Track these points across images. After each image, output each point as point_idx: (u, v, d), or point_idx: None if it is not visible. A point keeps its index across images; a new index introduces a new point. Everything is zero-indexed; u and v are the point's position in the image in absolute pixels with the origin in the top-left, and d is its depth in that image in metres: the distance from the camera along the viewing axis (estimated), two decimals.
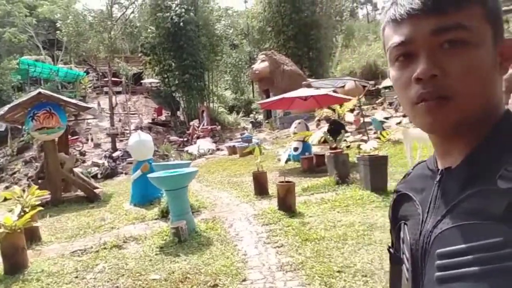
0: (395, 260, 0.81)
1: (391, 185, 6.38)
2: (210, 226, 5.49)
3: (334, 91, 14.20)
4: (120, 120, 22.00)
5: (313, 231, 4.84)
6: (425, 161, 0.81)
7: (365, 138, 9.81)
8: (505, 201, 0.54)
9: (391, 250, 0.84)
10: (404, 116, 14.55)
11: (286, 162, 10.60)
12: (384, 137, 7.20)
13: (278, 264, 4.05)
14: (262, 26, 29.43)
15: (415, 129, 9.29)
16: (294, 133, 10.51)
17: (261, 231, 5.10)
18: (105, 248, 5.03)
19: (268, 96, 19.64)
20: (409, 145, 8.35)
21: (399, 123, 13.30)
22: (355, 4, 55.97)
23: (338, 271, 3.69)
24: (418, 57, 0.63)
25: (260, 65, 21.05)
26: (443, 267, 0.60)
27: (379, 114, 14.60)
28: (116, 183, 11.81)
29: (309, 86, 15.76)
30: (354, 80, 18.93)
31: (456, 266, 0.58)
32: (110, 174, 13.79)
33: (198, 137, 17.73)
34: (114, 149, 17.11)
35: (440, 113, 0.62)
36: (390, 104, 17.45)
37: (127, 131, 19.96)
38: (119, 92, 25.21)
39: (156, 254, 4.65)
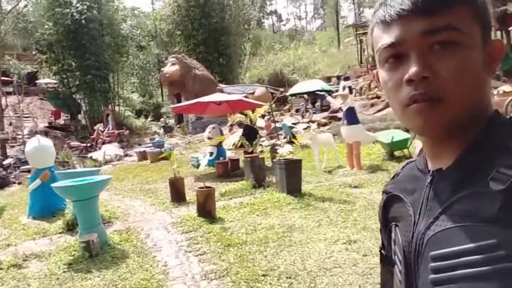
0: (387, 261, 0.81)
1: (304, 187, 6.67)
2: (125, 237, 5.14)
3: (246, 97, 14.45)
4: (11, 124, 19.66)
5: (234, 236, 4.81)
6: (413, 161, 0.81)
7: (279, 142, 10.13)
8: (497, 203, 0.55)
9: (382, 251, 0.84)
10: (310, 122, 15.41)
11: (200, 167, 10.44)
12: (297, 141, 7.50)
13: (202, 272, 3.93)
14: (171, 29, 28.85)
15: (323, 134, 9.88)
16: (209, 138, 10.43)
17: (181, 240, 4.92)
18: (1, 269, 4.40)
19: (179, 100, 19.26)
20: (317, 149, 8.84)
21: (306, 128, 14.03)
22: (261, 14, 57.93)
23: (263, 275, 3.71)
24: (409, 58, 0.63)
25: (171, 68, 20.57)
26: (437, 270, 0.60)
27: (288, 120, 15.22)
28: (8, 194, 10.48)
29: (221, 91, 15.83)
30: (266, 87, 19.49)
31: (451, 269, 0.58)
32: (1, 184, 12.22)
33: (103, 142, 16.62)
34: (4, 156, 15.22)
35: (432, 115, 0.62)
36: (297, 110, 18.34)
37: (19, 136, 17.91)
38: (9, 93, 22.52)
39: (63, 272, 4.20)
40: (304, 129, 13.93)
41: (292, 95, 20.21)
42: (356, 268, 3.71)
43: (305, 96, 18.36)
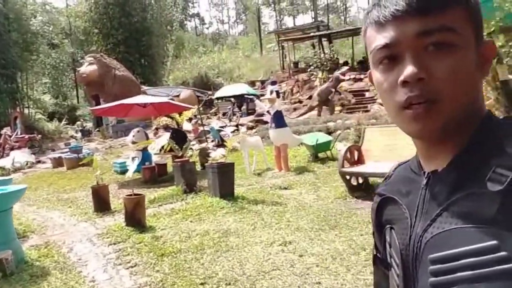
0: (381, 264, 0.80)
1: (237, 190, 6.66)
2: (44, 253, 4.67)
3: (171, 100, 14.09)
4: None
5: (168, 244, 4.62)
6: (406, 162, 0.80)
7: (210, 146, 10.01)
8: (496, 204, 0.55)
9: (378, 254, 0.81)
10: (237, 125, 15.50)
11: (124, 173, 9.91)
12: (229, 145, 7.47)
13: (134, 286, 3.70)
14: (87, 26, 27.23)
15: (252, 138, 9.98)
16: (133, 142, 9.95)
17: (109, 252, 4.60)
18: None
19: (98, 102, 18.16)
20: (247, 152, 8.90)
21: (234, 131, 14.09)
22: (184, 16, 57.21)
23: (201, 284, 3.60)
24: (403, 59, 0.62)
25: (88, 68, 19.32)
26: (437, 273, 0.60)
27: (215, 123, 15.15)
28: None
29: (144, 93, 15.24)
30: (194, 90, 19.20)
31: (450, 271, 0.58)
32: None
33: (11, 148, 15.03)
34: None
35: (429, 118, 0.61)
36: (224, 114, 18.34)
37: None
38: None
39: None
40: (232, 132, 13.96)
41: (218, 98, 20.18)
42: (294, 269, 3.76)
43: (232, 99, 18.44)
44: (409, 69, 0.60)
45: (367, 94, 18.48)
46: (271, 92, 8.67)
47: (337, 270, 3.63)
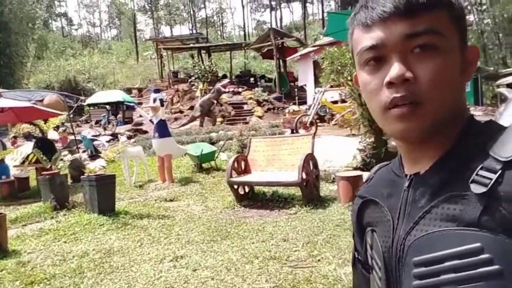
0: (363, 267, 0.78)
1: (117, 205, 6.14)
2: None
3: (34, 104, 12.47)
4: None
5: (38, 270, 3.96)
6: (387, 164, 0.80)
7: (83, 156, 9.06)
8: (479, 206, 0.56)
9: (359, 257, 0.80)
10: (113, 135, 14.48)
11: None
12: (109, 156, 6.86)
13: None
14: None
15: (133, 148, 9.40)
16: None
17: None
18: None
19: None
20: (127, 163, 8.35)
21: (110, 141, 13.09)
22: (48, 14, 51.92)
23: None
24: (389, 61, 0.62)
25: None
26: (420, 276, 0.59)
27: (87, 132, 13.90)
28: None
29: None
30: (61, 95, 17.27)
31: (434, 274, 0.57)
32: None
33: None
34: None
35: (413, 120, 0.62)
36: (97, 122, 16.96)
37: None
38: None
39: None
40: (108, 142, 12.95)
41: (90, 105, 18.59)
42: (188, 284, 3.57)
43: (107, 107, 17.17)
44: (395, 70, 0.61)
45: (245, 107, 19.20)
46: (155, 100, 8.30)
47: (233, 282, 3.57)
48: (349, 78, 7.20)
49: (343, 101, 11.49)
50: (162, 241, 4.69)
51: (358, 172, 5.90)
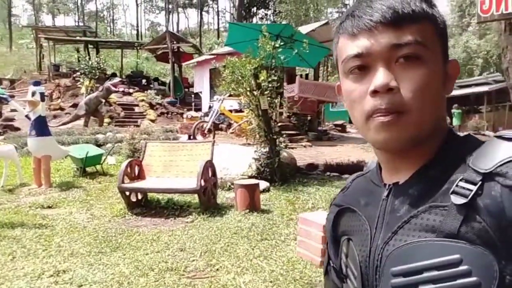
0: (337, 276, 0.77)
1: None
2: None
3: None
4: None
5: None
6: (364, 174, 0.79)
7: None
8: (459, 217, 0.56)
9: (334, 266, 0.79)
10: None
11: None
12: None
13: None
14: None
15: (3, 146, 8.16)
16: None
17: None
18: None
19: None
20: None
21: None
22: None
23: None
24: (374, 70, 0.63)
25: None
26: (398, 286, 0.59)
27: None
28: None
29: None
30: None
31: (412, 285, 0.58)
32: None
33: None
34: None
35: (396, 129, 0.62)
36: None
37: None
38: None
39: None
40: None
41: None
42: None
43: None
44: (380, 79, 0.61)
45: (137, 109, 18.32)
46: (33, 94, 7.34)
47: None
48: (248, 88, 7.35)
49: (240, 110, 11.74)
50: (39, 254, 4.11)
51: (255, 181, 6.02)
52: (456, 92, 19.69)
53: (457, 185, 0.58)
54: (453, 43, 35.87)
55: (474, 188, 0.56)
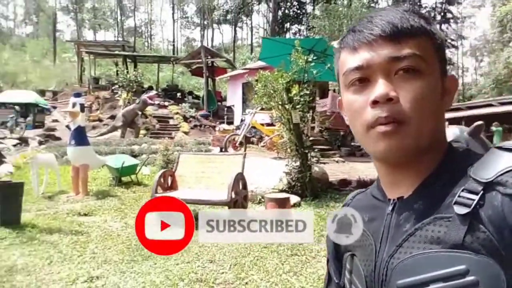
0: None
1: (23, 217, 5.47)
2: None
3: None
4: None
5: None
6: (363, 191, 0.81)
7: None
8: (464, 227, 0.57)
9: (337, 281, 0.80)
10: (21, 139, 13.09)
11: None
12: (19, 161, 6.13)
13: None
14: None
15: (44, 154, 8.55)
16: None
17: None
18: None
19: None
20: (36, 171, 7.54)
21: (16, 145, 11.79)
22: None
23: None
24: (374, 82, 0.65)
25: None
26: None
27: None
28: None
29: None
30: None
31: None
32: None
33: None
34: None
35: (395, 137, 0.63)
36: (2, 123, 15.23)
37: None
38: None
39: None
40: (15, 146, 11.63)
41: None
42: None
43: (16, 107, 15.52)
44: (380, 89, 0.63)
45: (171, 122, 18.75)
46: (74, 105, 7.68)
47: None
48: (279, 102, 7.37)
49: (271, 124, 11.75)
50: (75, 260, 4.24)
51: (286, 195, 5.99)
52: (496, 109, 18.97)
53: (459, 196, 0.59)
54: (494, 59, 34.66)
55: (476, 197, 0.57)
